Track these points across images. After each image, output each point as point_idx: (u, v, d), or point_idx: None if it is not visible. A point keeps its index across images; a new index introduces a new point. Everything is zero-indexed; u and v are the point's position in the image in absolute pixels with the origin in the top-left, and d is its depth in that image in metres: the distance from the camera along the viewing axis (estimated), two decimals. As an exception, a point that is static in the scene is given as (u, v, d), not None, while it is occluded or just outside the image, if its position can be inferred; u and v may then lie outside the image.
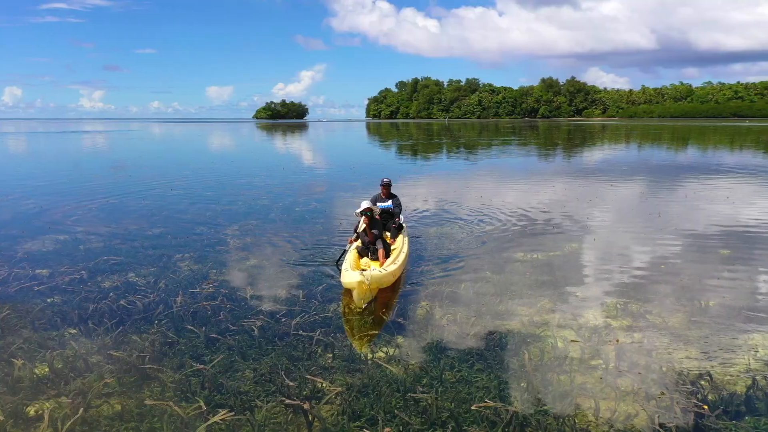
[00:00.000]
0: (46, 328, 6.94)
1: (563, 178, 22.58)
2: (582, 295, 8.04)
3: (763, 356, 5.98)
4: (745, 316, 7.12)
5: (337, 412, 5.00)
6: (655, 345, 6.29)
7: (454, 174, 25.11)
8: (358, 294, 7.17)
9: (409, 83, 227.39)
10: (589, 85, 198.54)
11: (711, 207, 15.10)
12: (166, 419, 4.93)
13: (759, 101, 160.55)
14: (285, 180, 22.57)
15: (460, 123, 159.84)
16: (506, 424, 4.71)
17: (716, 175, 22.59)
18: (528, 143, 52.12)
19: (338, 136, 79.78)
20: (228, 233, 12.14)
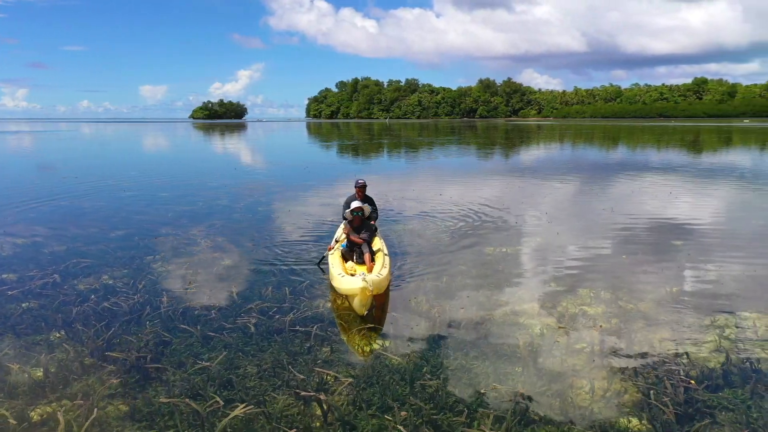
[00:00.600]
0: (29, 332, 6.76)
1: (513, 175, 23.35)
2: (555, 286, 8.46)
3: (730, 335, 6.52)
4: (706, 301, 7.70)
5: (348, 402, 5.16)
6: (632, 329, 6.75)
7: (405, 172, 25.46)
8: (360, 301, 6.88)
9: (349, 83, 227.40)
10: (524, 86, 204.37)
11: (657, 202, 16.02)
12: (178, 416, 4.94)
13: (682, 102, 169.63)
14: (239, 180, 22.32)
15: (400, 123, 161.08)
16: (515, 406, 5.00)
17: (656, 172, 23.87)
18: (471, 143, 53.22)
19: (281, 137, 79.00)
20: (195, 233, 12.00)
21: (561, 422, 4.79)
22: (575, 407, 5.03)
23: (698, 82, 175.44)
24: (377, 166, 30.68)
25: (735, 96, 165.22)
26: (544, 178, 22.37)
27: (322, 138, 69.02)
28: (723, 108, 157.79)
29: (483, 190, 18.60)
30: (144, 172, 25.59)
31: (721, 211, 14.77)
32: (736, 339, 6.42)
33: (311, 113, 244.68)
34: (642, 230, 12.23)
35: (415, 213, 14.27)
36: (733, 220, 13.63)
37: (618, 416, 4.89)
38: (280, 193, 18.45)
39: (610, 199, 16.73)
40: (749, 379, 5.45)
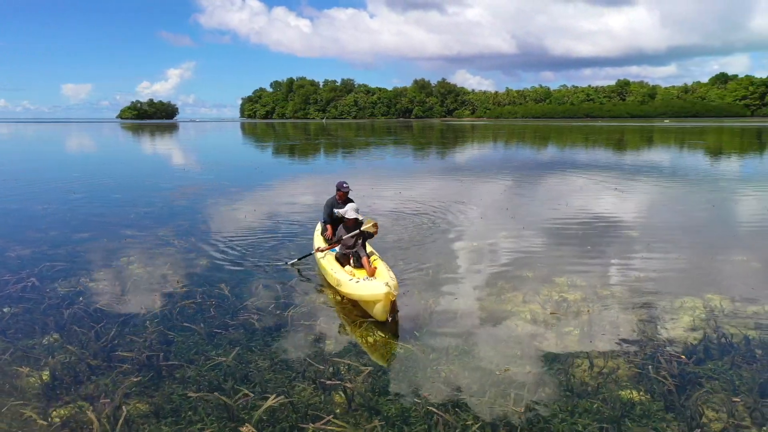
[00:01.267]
0: (20, 337, 6.60)
1: (468, 174, 24.03)
2: (530, 275, 8.93)
3: (700, 315, 7.15)
4: (672, 286, 8.37)
5: (369, 389, 5.37)
6: (613, 312, 7.27)
7: (359, 172, 25.69)
8: (383, 306, 6.66)
9: (284, 83, 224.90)
10: (458, 86, 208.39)
11: (603, 197, 16.96)
12: (203, 411, 5.01)
13: (607, 103, 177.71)
14: (192, 181, 21.94)
15: (337, 123, 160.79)
16: (529, 385, 5.37)
17: (597, 170, 25.11)
18: (412, 143, 53.99)
19: (219, 137, 77.41)
20: (164, 235, 11.83)
21: (568, 396, 5.18)
22: (579, 383, 5.44)
23: (621, 84, 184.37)
24: (326, 165, 30.79)
25: (655, 97, 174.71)
26: (495, 176, 23.13)
27: (262, 138, 68.19)
28: (644, 109, 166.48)
29: (440, 188, 19.09)
30: (88, 174, 24.67)
31: (667, 206, 15.82)
32: (707, 318, 7.04)
33: (246, 113, 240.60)
34: (599, 223, 12.98)
35: (380, 211, 14.53)
36: (680, 213, 14.63)
37: (618, 389, 5.33)
38: (239, 194, 18.30)
39: (564, 194, 17.56)
40: (726, 352, 6.04)
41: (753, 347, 6.16)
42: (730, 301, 7.65)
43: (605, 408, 5.00)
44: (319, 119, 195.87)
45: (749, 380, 5.43)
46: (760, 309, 7.32)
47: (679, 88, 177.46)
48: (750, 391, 5.22)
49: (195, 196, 17.46)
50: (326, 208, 9.76)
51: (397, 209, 14.71)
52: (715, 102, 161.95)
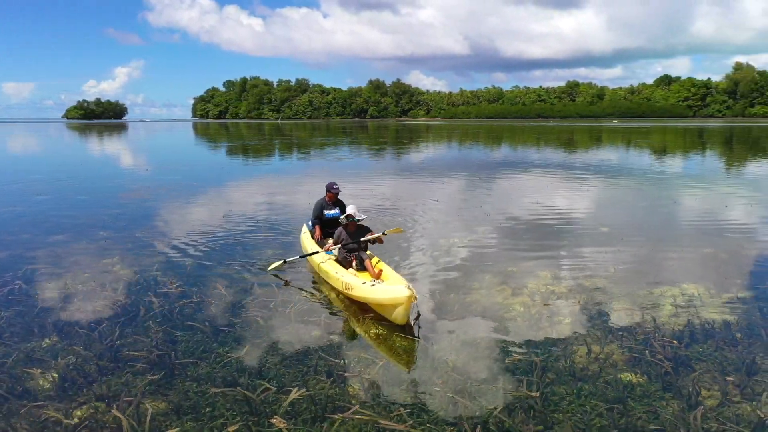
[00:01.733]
0: (19, 340, 6.50)
1: (424, 172, 24.39)
2: (514, 269, 9.26)
3: (680, 303, 7.60)
4: (650, 276, 8.85)
5: (385, 379, 5.55)
6: (600, 301, 7.66)
7: (325, 172, 25.77)
8: (404, 310, 6.57)
9: (237, 82, 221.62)
10: (413, 87, 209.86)
11: (570, 194, 17.57)
12: (223, 406, 5.08)
13: (558, 104, 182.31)
14: (159, 181, 21.59)
15: (292, 123, 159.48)
16: (536, 370, 5.66)
17: (559, 168, 25.90)
18: (371, 143, 54.24)
19: (175, 137, 75.91)
20: (142, 236, 11.69)
21: (572, 381, 5.48)
22: (580, 368, 5.76)
23: (571, 85, 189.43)
24: (290, 166, 30.71)
25: (603, 98, 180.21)
26: (461, 174, 23.58)
27: (218, 139, 67.14)
28: (593, 109, 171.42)
29: (407, 187, 19.39)
30: (49, 175, 23.96)
31: (631, 202, 16.54)
32: (687, 305, 7.50)
33: (198, 113, 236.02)
34: (571, 219, 13.50)
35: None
36: (645, 209, 15.33)
37: (617, 373, 5.66)
38: (210, 194, 18.15)
39: (533, 192, 18.10)
40: (710, 336, 6.48)
41: (733, 331, 6.61)
42: (705, 289, 8.15)
43: (608, 390, 5.32)
44: (273, 119, 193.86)
45: (735, 361, 5.86)
46: (732, 296, 7.83)
47: (626, 89, 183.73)
48: (737, 371, 5.64)
49: (166, 197, 17.23)
50: (315, 210, 9.74)
51: (368, 209, 14.90)
52: (660, 103, 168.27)
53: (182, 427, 4.77)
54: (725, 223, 13.05)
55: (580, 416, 4.88)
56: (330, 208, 9.73)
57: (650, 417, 4.84)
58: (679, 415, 4.84)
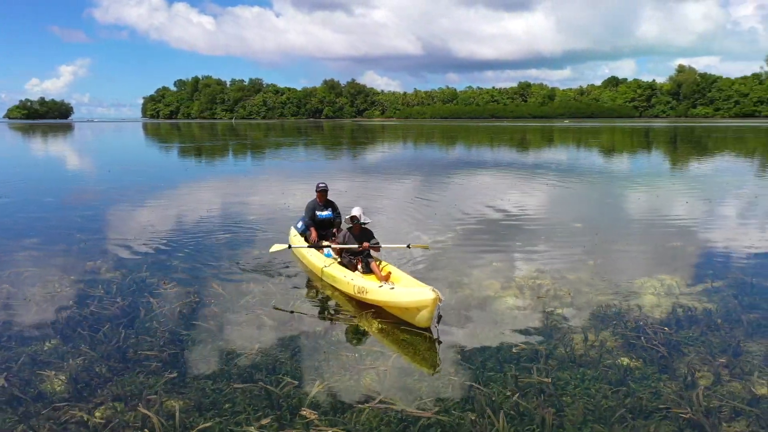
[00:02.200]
0: (20, 344, 6.40)
1: (391, 172, 24.67)
2: (499, 265, 9.59)
3: (661, 292, 8.06)
4: (628, 269, 9.31)
5: (400, 371, 5.73)
6: (587, 293, 8.04)
7: (286, 173, 25.73)
8: (430, 312, 6.50)
9: (189, 82, 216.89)
10: (368, 87, 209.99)
11: (535, 192, 18.12)
12: (243, 402, 5.15)
13: (510, 104, 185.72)
14: (123, 182, 21.17)
15: (246, 123, 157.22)
16: (541, 357, 5.95)
17: (522, 168, 26.57)
18: (330, 144, 54.20)
19: (127, 137, 73.95)
20: (121, 237, 11.51)
21: (574, 366, 5.78)
22: (579, 354, 6.07)
23: (523, 86, 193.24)
24: (255, 166, 30.50)
25: (554, 99, 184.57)
26: (428, 174, 23.93)
27: (173, 140, 65.75)
28: (545, 110, 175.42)
29: (369, 186, 19.58)
30: (5, 177, 23.12)
31: (598, 199, 17.19)
32: (667, 295, 7.96)
33: (148, 113, 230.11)
34: (542, 216, 13.98)
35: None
36: (612, 205, 15.96)
37: (615, 358, 6.01)
38: (179, 195, 17.94)
39: (499, 191, 18.58)
40: (694, 323, 6.92)
41: (714, 317, 7.07)
42: (680, 279, 8.65)
43: (609, 374, 5.65)
44: (227, 119, 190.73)
45: (721, 344, 6.30)
46: (707, 285, 8.34)
47: (575, 90, 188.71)
48: (724, 352, 6.07)
49: (136, 198, 16.93)
50: (307, 211, 9.70)
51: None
52: (608, 104, 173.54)
53: (212, 422, 4.82)
54: (688, 218, 13.76)
55: (587, 398, 5.18)
56: (322, 209, 9.73)
57: (652, 397, 5.18)
58: (680, 393, 5.20)
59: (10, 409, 5.07)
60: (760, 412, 4.90)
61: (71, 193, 18.12)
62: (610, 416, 4.87)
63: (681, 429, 4.67)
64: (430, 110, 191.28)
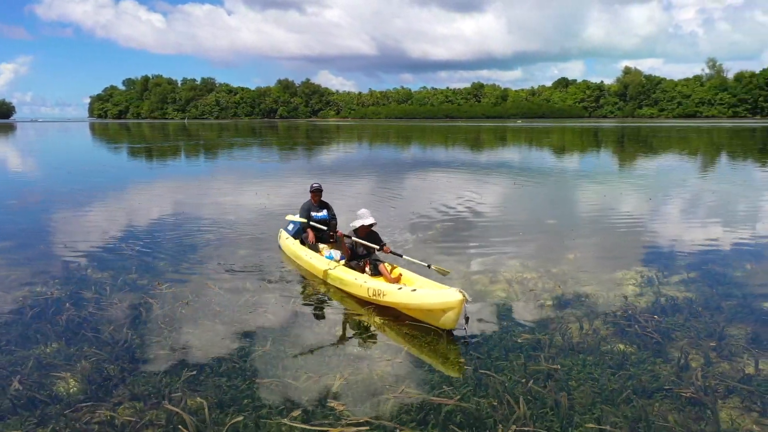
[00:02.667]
0: (21, 347, 6.31)
1: (353, 172, 24.86)
2: (482, 260, 9.91)
3: (641, 283, 8.51)
4: (607, 262, 9.78)
5: (414, 363, 5.94)
6: (574, 285, 8.42)
7: (241, 174, 25.59)
8: (457, 314, 6.47)
9: (138, 81, 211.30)
10: (323, 87, 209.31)
11: (502, 191, 18.62)
12: (263, 396, 5.26)
13: (464, 104, 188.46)
14: (86, 184, 20.65)
15: (198, 123, 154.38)
16: (544, 346, 6.25)
17: (481, 168, 27.14)
18: (281, 143, 53.93)
19: (74, 138, 71.67)
20: (102, 238, 11.32)
21: (574, 353, 6.10)
22: (577, 342, 6.40)
23: (476, 86, 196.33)
24: (216, 167, 30.17)
25: (507, 99, 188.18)
26: (393, 173, 24.19)
27: (124, 140, 64.08)
28: (498, 110, 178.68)
29: (328, 187, 19.73)
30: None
31: (565, 198, 17.78)
32: (647, 285, 8.42)
33: (95, 113, 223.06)
34: (516, 214, 14.42)
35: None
36: (582, 203, 16.56)
37: (611, 344, 6.36)
38: (149, 195, 17.63)
39: (469, 190, 19.00)
40: (678, 311, 7.35)
41: (695, 306, 7.53)
42: (657, 271, 9.13)
43: (608, 359, 6.00)
44: (179, 119, 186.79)
45: (705, 329, 6.73)
46: (683, 276, 8.85)
47: (527, 90, 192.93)
48: (710, 337, 6.51)
49: (104, 199, 16.62)
50: (303, 212, 9.66)
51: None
52: (558, 104, 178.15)
53: (242, 416, 4.89)
54: (653, 214, 14.45)
55: (592, 382, 5.50)
56: (317, 210, 9.70)
57: (652, 379, 5.54)
58: (678, 375, 5.58)
59: (28, 411, 5.03)
60: (751, 388, 5.31)
61: (35, 195, 17.57)
62: (616, 397, 5.19)
63: (683, 407, 5.02)
64: (385, 110, 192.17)
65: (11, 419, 4.94)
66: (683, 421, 4.79)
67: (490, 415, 4.85)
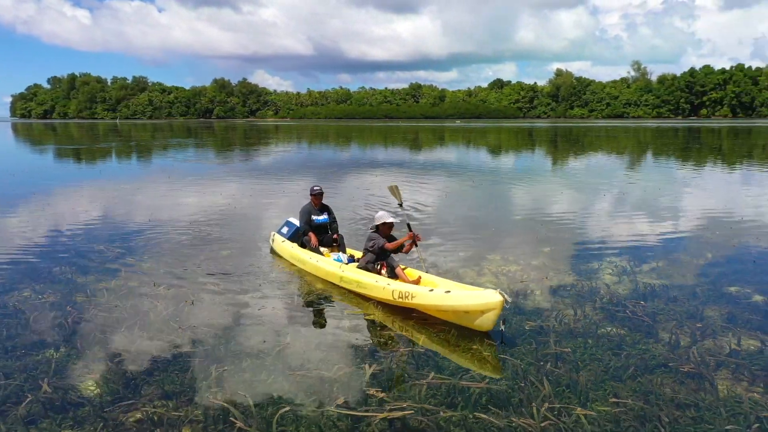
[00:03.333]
0: (25, 354, 6.24)
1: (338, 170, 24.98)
2: (464, 255, 10.35)
3: (617, 272, 9.14)
4: (576, 253, 10.41)
5: (433, 353, 6.26)
6: (558, 275, 8.95)
7: (200, 176, 25.24)
8: (496, 315, 6.45)
9: (64, 79, 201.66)
10: (261, 87, 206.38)
11: (460, 188, 19.19)
12: (295, 388, 5.44)
13: (403, 105, 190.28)
14: (36, 187, 19.84)
15: (131, 123, 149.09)
16: (549, 332, 6.71)
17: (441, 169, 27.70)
18: (220, 144, 53.17)
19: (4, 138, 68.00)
20: (80, 243, 11.08)
21: (573, 337, 6.57)
22: (575, 327, 6.88)
23: (414, 87, 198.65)
24: (162, 168, 29.53)
25: (444, 100, 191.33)
26: (359, 172, 24.42)
27: (52, 141, 61.30)
28: (436, 110, 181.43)
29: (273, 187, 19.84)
30: None
31: (531, 195, 18.53)
32: (623, 273, 9.06)
33: (18, 112, 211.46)
34: (488, 211, 14.97)
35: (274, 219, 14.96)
36: (546, 200, 17.30)
37: (605, 329, 6.86)
38: (111, 197, 17.19)
39: (427, 189, 19.50)
40: (657, 296, 7.98)
41: (671, 291, 8.19)
42: (628, 261, 9.81)
43: (605, 342, 6.49)
44: (109, 119, 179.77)
45: (685, 312, 7.35)
46: (653, 265, 9.56)
47: (464, 91, 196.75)
48: (691, 319, 7.14)
49: (64, 201, 16.08)
50: (303, 216, 9.51)
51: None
52: (494, 105, 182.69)
53: (288, 407, 5.03)
54: (611, 209, 15.36)
55: (597, 362, 5.97)
56: (318, 214, 9.60)
57: (651, 358, 6.07)
58: (673, 352, 6.14)
59: (61, 413, 5.01)
60: (738, 361, 5.92)
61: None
62: (622, 374, 5.68)
63: (683, 380, 5.55)
64: (324, 110, 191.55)
65: (44, 422, 4.93)
66: (687, 392, 5.31)
67: (519, 395, 5.23)
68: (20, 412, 5.01)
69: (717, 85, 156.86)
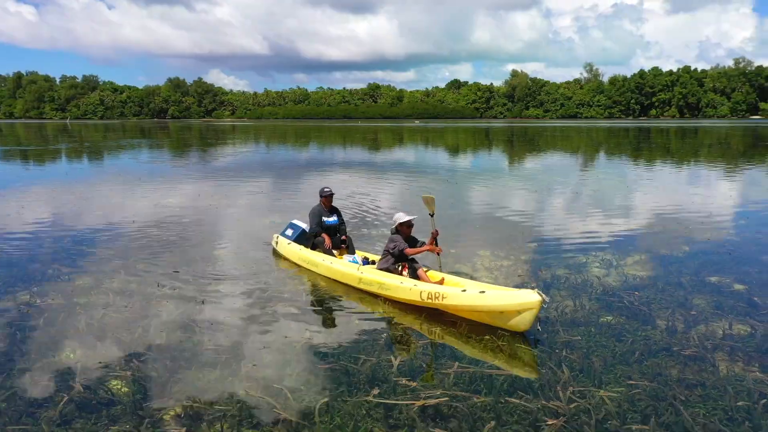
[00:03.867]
0: (32, 358, 6.22)
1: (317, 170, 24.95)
2: (454, 252, 10.65)
3: (602, 265, 9.59)
4: (563, 247, 10.84)
5: (449, 347, 6.53)
6: (549, 269, 9.33)
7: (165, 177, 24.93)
8: (533, 315, 6.43)
9: (10, 78, 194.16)
10: (217, 86, 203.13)
11: (443, 188, 19.57)
12: (321, 381, 5.61)
13: (361, 105, 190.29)
14: (18, 187, 19.29)
15: (81, 124, 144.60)
16: (554, 322, 7.05)
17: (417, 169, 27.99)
18: (175, 145, 52.41)
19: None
20: (74, 246, 10.94)
21: (575, 326, 6.91)
22: (576, 316, 7.25)
23: (372, 87, 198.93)
24: (127, 170, 29.02)
25: (403, 100, 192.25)
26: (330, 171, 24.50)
27: (4, 142, 59.24)
28: (395, 110, 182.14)
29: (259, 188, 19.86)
30: None
31: (507, 193, 18.98)
32: (608, 267, 9.52)
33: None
34: (471, 211, 15.34)
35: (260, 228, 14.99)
36: (525, 197, 17.78)
37: (604, 317, 7.24)
38: (87, 199, 16.86)
39: (398, 189, 19.77)
40: (645, 287, 8.45)
41: (657, 283, 8.66)
42: (612, 254, 10.31)
43: (607, 329, 6.87)
44: (59, 119, 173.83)
45: (674, 301, 7.82)
46: (636, 258, 10.07)
47: (422, 92, 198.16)
48: (681, 307, 7.60)
49: (28, 203, 15.70)
50: (314, 217, 9.43)
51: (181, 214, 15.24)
52: (452, 105, 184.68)
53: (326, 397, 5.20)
54: (586, 205, 15.93)
55: (603, 348, 6.33)
56: (328, 215, 9.53)
57: (652, 343, 6.47)
58: (672, 337, 6.55)
59: (95, 413, 5.04)
60: (733, 344, 6.39)
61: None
62: (629, 358, 6.05)
63: (687, 362, 5.96)
64: (282, 110, 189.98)
65: (78, 422, 4.95)
66: (692, 373, 5.71)
67: (540, 380, 5.53)
68: (53, 413, 5.03)
69: (665, 87, 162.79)
